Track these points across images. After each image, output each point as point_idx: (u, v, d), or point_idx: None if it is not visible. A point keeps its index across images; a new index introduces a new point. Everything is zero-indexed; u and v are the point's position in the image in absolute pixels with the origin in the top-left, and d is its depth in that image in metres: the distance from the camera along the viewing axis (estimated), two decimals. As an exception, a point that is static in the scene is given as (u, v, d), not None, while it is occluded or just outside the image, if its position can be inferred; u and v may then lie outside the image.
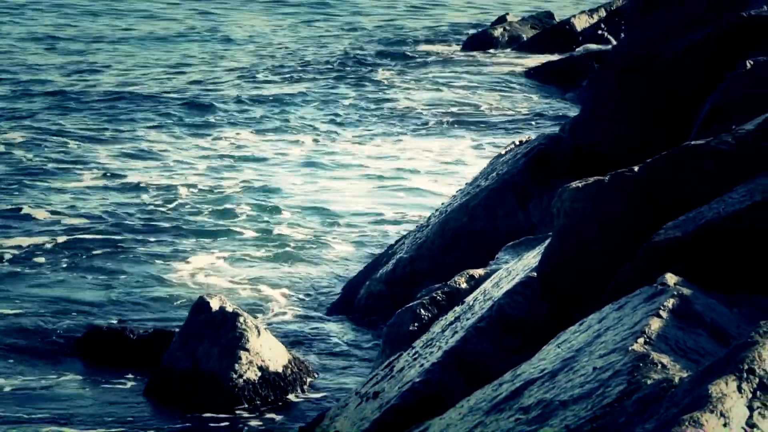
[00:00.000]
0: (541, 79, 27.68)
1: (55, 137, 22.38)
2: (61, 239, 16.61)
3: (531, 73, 28.30)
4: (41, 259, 15.80)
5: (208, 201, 18.68)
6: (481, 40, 33.66)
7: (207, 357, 11.69)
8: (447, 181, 19.61)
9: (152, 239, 16.74)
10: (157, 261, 15.85)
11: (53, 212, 17.87)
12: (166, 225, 17.39)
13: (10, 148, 21.65)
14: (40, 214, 17.75)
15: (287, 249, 16.35)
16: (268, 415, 11.05)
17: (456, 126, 23.81)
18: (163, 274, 15.38)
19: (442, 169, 20.52)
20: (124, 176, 20.02)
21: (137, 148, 21.87)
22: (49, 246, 16.34)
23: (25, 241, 16.42)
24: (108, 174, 20.06)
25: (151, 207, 18.37)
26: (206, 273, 15.45)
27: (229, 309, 11.97)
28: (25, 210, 17.87)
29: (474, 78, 28.96)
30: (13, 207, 18.05)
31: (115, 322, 13.58)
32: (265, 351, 11.70)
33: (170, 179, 19.75)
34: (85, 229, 17.02)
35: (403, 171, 20.47)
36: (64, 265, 15.58)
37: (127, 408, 11.36)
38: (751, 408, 4.97)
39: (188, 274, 15.41)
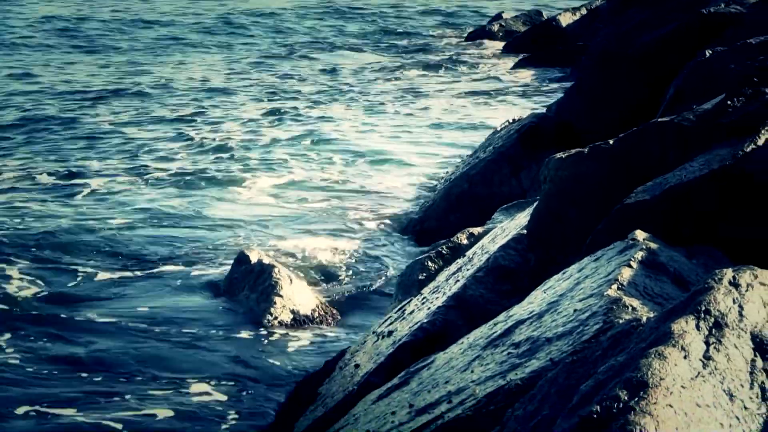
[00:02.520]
0: (531, 67, 27.54)
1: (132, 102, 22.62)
2: (135, 177, 17.02)
3: (522, 62, 28.15)
4: (115, 194, 16.13)
5: (267, 149, 18.87)
6: (480, 34, 33.62)
7: (247, 301, 11.73)
8: (453, 143, 19.69)
9: (219, 176, 17.09)
10: (218, 194, 16.22)
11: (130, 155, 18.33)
12: (234, 166, 17.76)
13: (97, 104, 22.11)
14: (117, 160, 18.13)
15: (333, 194, 16.43)
16: (299, 352, 11.03)
17: (459, 103, 23.77)
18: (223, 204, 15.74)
19: (448, 136, 20.48)
20: (199, 130, 20.36)
21: (207, 113, 22.05)
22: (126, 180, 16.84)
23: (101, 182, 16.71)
24: (188, 127, 20.49)
25: (221, 150, 18.85)
26: (259, 209, 15.65)
27: (266, 261, 12.03)
28: (109, 156, 18.31)
29: (475, 65, 28.90)
30: (101, 153, 18.48)
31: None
32: (297, 296, 11.74)
33: (235, 135, 19.93)
34: (156, 169, 17.33)
35: (417, 134, 20.48)
36: (136, 196, 15.95)
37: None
38: (707, 343, 4.96)
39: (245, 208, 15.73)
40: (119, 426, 9.18)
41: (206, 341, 10.90)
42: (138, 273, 12.78)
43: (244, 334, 11.07)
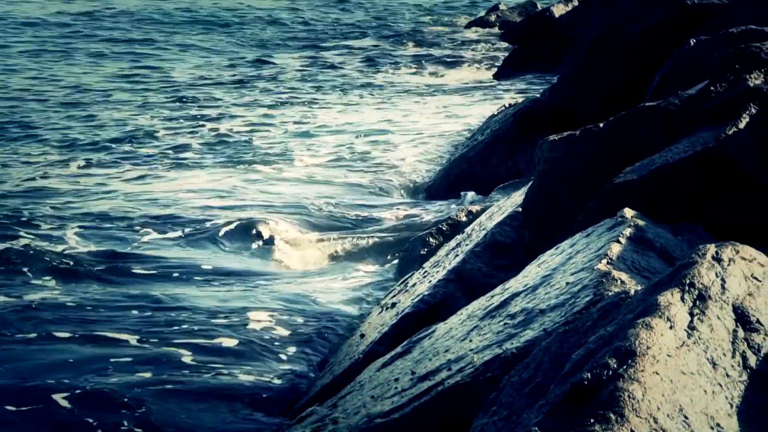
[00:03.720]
0: (527, 58, 27.40)
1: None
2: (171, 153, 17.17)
3: (517, 51, 28.01)
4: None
5: (276, 136, 18.95)
6: (479, 24, 33.62)
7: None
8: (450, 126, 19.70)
9: (240, 159, 17.11)
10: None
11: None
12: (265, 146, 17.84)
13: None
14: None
15: (343, 173, 16.43)
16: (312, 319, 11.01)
17: (457, 88, 23.74)
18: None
19: (448, 121, 20.43)
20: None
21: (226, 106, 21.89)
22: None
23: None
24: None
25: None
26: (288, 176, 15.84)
27: (279, 234, 12.19)
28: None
29: (472, 53, 28.87)
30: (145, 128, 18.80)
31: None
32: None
33: (246, 124, 19.93)
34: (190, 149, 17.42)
35: (417, 120, 20.44)
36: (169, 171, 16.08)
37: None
38: (691, 314, 4.95)
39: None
40: (187, 351, 9.33)
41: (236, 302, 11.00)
42: (182, 238, 12.89)
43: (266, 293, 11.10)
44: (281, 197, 14.65)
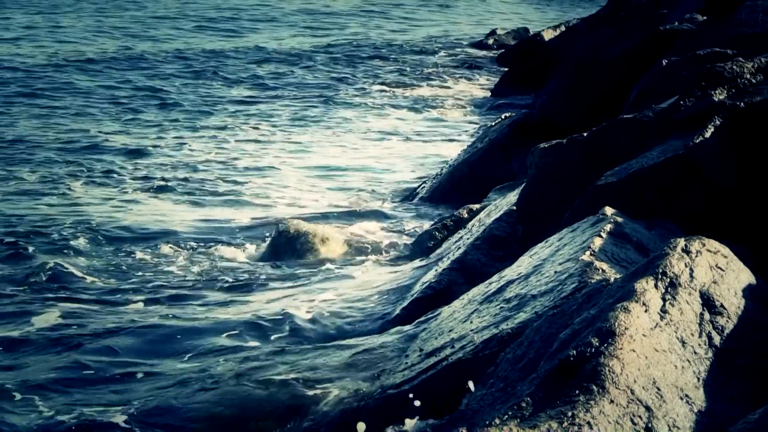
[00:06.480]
0: (519, 76, 27.32)
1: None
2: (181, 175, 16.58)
3: (511, 70, 27.97)
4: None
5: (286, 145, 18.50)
6: (478, 46, 33.56)
7: (290, 259, 11.81)
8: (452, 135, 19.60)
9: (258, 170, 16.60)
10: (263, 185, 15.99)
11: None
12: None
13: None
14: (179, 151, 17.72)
15: (356, 181, 16.28)
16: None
17: (458, 104, 23.66)
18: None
19: (450, 130, 20.36)
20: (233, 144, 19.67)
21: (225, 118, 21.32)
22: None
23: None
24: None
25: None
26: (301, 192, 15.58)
27: (302, 229, 12.06)
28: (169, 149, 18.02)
29: (472, 73, 28.79)
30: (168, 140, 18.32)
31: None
32: (329, 254, 11.88)
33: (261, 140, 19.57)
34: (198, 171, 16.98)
35: (422, 134, 20.28)
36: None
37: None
38: (664, 299, 4.94)
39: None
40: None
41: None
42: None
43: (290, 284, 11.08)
44: (310, 205, 14.57)
